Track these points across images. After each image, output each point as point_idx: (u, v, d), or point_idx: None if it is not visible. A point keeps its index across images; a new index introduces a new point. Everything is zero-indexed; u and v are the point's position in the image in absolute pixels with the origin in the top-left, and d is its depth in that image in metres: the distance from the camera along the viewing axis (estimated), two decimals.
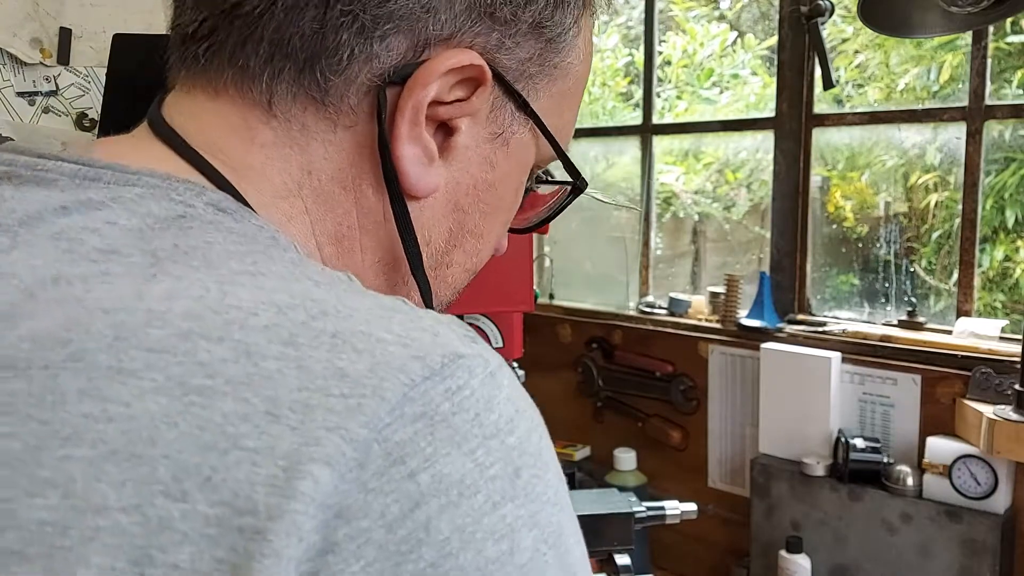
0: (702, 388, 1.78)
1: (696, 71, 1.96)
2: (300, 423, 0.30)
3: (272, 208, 0.43)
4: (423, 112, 0.43)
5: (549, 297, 2.12)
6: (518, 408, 0.34)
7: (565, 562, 0.34)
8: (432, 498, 0.30)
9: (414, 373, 0.32)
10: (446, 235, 0.49)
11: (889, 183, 1.68)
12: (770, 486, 1.57)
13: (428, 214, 0.47)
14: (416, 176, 0.44)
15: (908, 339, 1.53)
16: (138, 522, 0.29)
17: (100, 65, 1.37)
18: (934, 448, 1.41)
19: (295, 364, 0.31)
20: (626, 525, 1.15)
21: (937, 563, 1.39)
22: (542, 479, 0.34)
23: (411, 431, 0.31)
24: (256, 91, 0.43)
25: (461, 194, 0.48)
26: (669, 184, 2.00)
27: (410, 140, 0.44)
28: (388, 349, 0.33)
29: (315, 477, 0.29)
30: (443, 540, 0.30)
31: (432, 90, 0.43)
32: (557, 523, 0.34)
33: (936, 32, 1.30)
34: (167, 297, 0.33)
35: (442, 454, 0.31)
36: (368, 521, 0.29)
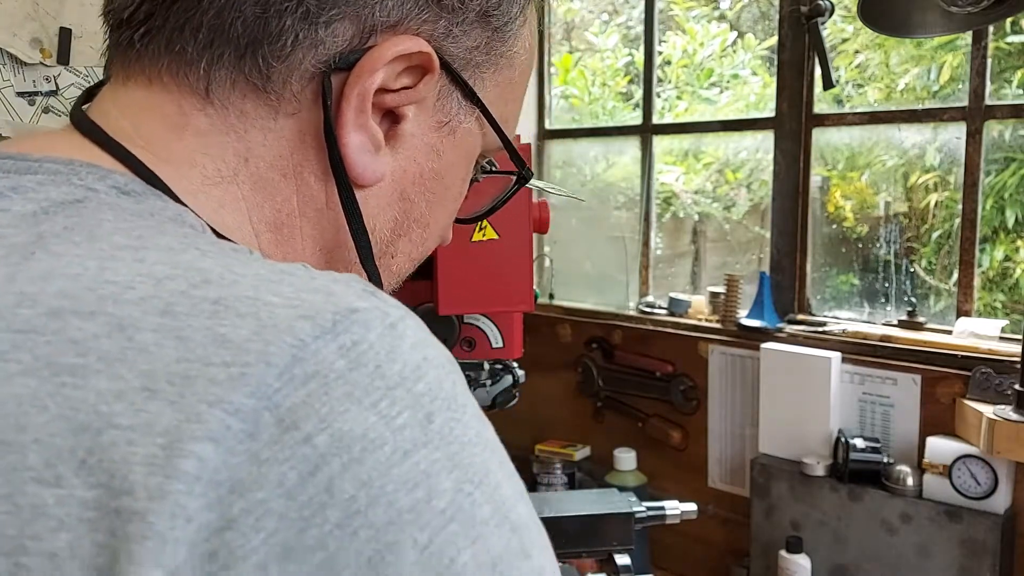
0: (702, 388, 1.78)
1: (696, 71, 1.96)
2: (179, 396, 0.29)
3: (202, 195, 0.42)
4: (369, 99, 0.43)
5: (549, 297, 2.12)
6: (426, 356, 0.33)
7: (495, 498, 0.32)
8: (333, 458, 0.29)
9: (303, 333, 0.30)
10: (392, 224, 0.48)
11: (889, 183, 1.68)
12: (770, 486, 1.57)
13: (373, 202, 0.47)
14: (362, 164, 0.44)
15: (908, 339, 1.53)
16: (8, 511, 0.28)
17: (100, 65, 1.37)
18: (934, 448, 1.41)
19: (173, 335, 0.30)
20: (626, 525, 1.15)
21: (937, 563, 1.39)
22: (459, 421, 0.33)
23: (303, 393, 0.29)
24: (193, 78, 0.42)
25: (407, 183, 0.47)
26: (669, 184, 2.00)
27: (356, 128, 0.43)
28: (275, 312, 0.31)
29: (198, 455, 0.28)
30: (348, 499, 0.29)
31: (379, 77, 0.42)
32: (480, 462, 0.33)
33: (936, 32, 1.30)
34: (42, 277, 0.32)
35: (339, 412, 0.30)
36: (264, 492, 0.28)
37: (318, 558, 0.28)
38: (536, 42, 0.53)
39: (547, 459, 1.90)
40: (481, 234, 0.92)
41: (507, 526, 0.32)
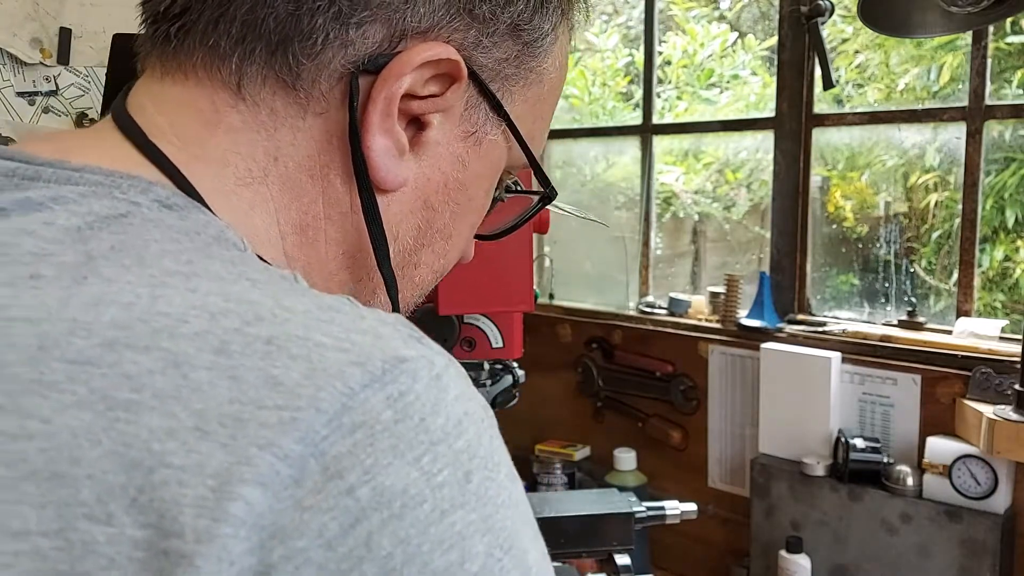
0: (702, 388, 1.78)
1: (696, 71, 1.96)
2: (231, 439, 0.29)
3: (233, 196, 0.42)
4: (396, 104, 0.43)
5: (549, 297, 2.12)
6: (467, 410, 0.33)
7: (523, 564, 0.33)
8: (373, 512, 0.29)
9: (353, 380, 0.31)
10: (414, 232, 0.48)
11: (889, 183, 1.68)
12: (770, 486, 1.57)
13: (396, 208, 0.47)
14: (385, 168, 0.44)
15: (908, 339, 1.53)
16: (60, 547, 0.27)
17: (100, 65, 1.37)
18: (934, 448, 1.41)
19: (227, 374, 0.30)
20: (626, 525, 1.15)
21: (937, 563, 1.39)
22: (495, 481, 0.33)
23: (350, 443, 0.29)
24: (225, 72, 0.42)
25: (431, 191, 0.47)
26: (669, 184, 2.00)
27: (381, 131, 0.43)
28: (326, 355, 0.31)
29: (247, 499, 0.28)
30: (385, 556, 0.29)
31: (406, 82, 0.42)
32: (511, 526, 0.33)
33: (936, 32, 1.30)
34: (95, 304, 0.32)
35: (383, 465, 0.30)
36: (305, 541, 0.28)
37: None
38: (567, 63, 0.52)
39: (547, 459, 1.90)
40: None
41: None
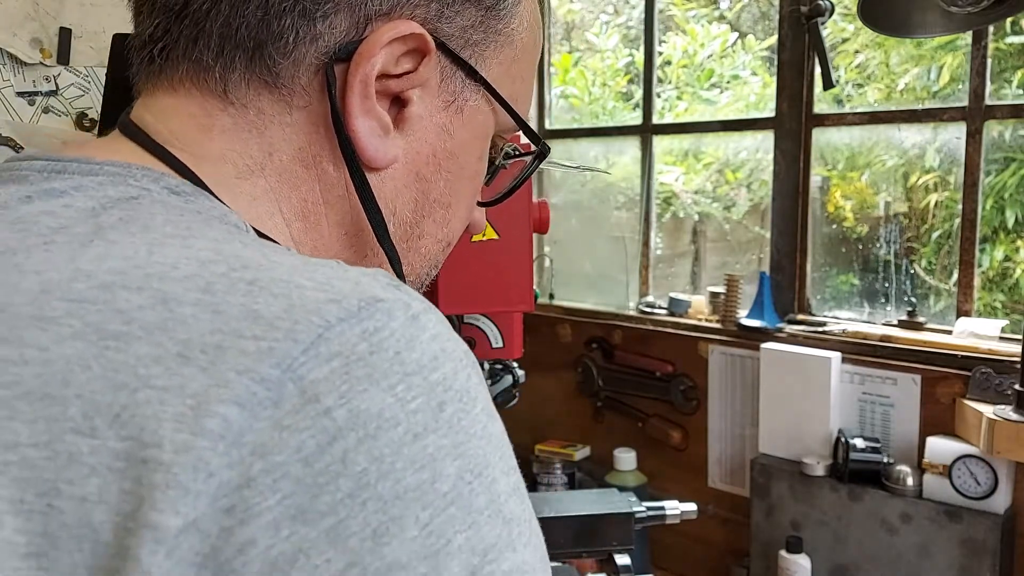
0: (702, 388, 1.78)
1: (696, 71, 1.96)
2: (211, 364, 0.31)
3: (236, 189, 0.45)
4: (372, 85, 0.45)
5: (549, 297, 2.12)
6: (443, 348, 0.35)
7: (492, 491, 0.34)
8: (349, 432, 0.31)
9: (329, 315, 0.33)
10: (412, 205, 0.51)
11: (889, 183, 1.68)
12: (770, 486, 1.57)
13: (390, 185, 0.49)
14: (373, 148, 0.46)
15: (908, 339, 1.53)
16: (47, 456, 0.30)
17: (100, 65, 1.37)
18: (934, 448, 1.41)
19: (210, 308, 0.33)
20: (626, 525, 1.15)
21: (937, 563, 1.39)
22: (469, 413, 0.34)
23: (326, 370, 0.32)
24: (211, 82, 0.45)
25: (421, 163, 0.49)
26: (669, 184, 2.00)
27: (363, 113, 0.46)
28: (305, 294, 0.34)
29: (224, 416, 0.30)
30: (360, 471, 0.31)
31: (378, 62, 0.45)
32: (483, 455, 0.34)
33: (936, 32, 1.30)
34: (98, 258, 0.35)
35: (358, 390, 0.32)
36: (284, 456, 0.30)
37: (327, 523, 0.30)
38: (539, 21, 0.54)
39: (547, 459, 1.90)
40: (481, 234, 0.92)
41: (500, 518, 0.34)
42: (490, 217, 0.92)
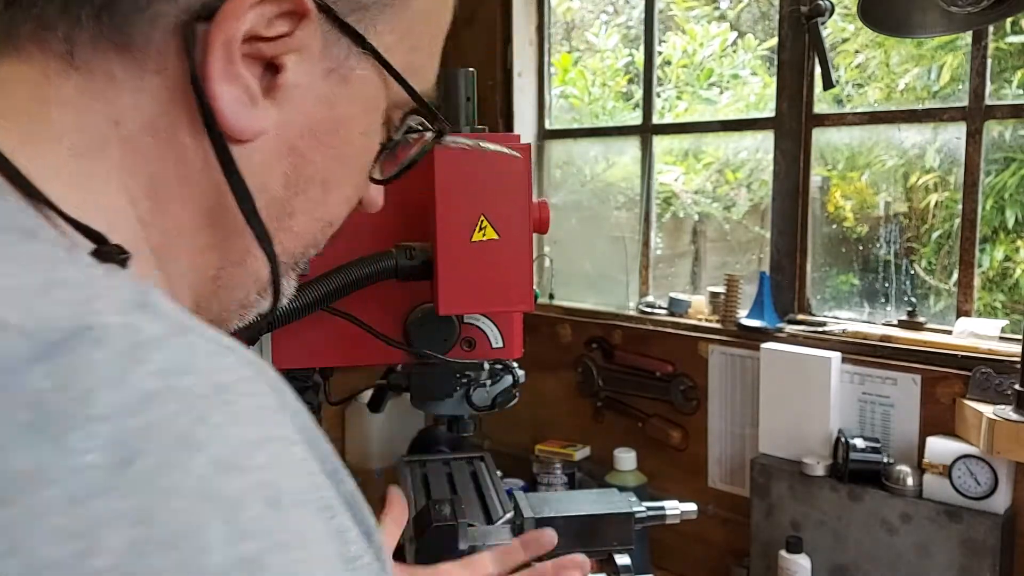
0: (702, 388, 1.78)
1: (696, 71, 1.96)
2: None
3: (67, 169, 0.39)
4: (236, 48, 0.40)
5: (549, 297, 2.12)
6: (175, 384, 0.28)
7: (194, 565, 0.26)
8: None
9: (14, 355, 0.27)
10: (283, 180, 0.45)
11: (889, 183, 1.68)
12: (770, 486, 1.57)
13: (259, 158, 0.44)
14: (237, 117, 0.41)
15: (908, 339, 1.53)
16: None
17: None
18: (934, 448, 1.41)
19: None
20: (626, 525, 1.15)
21: (937, 563, 1.39)
22: (178, 468, 0.27)
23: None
24: (55, 43, 0.39)
25: (295, 136, 0.44)
26: (669, 184, 2.00)
27: (226, 79, 0.40)
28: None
29: None
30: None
31: (245, 24, 0.39)
32: (189, 519, 0.26)
33: (936, 32, 1.30)
34: None
35: (13, 444, 0.26)
36: None
37: None
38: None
39: (547, 459, 1.90)
40: (481, 234, 0.92)
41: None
42: (490, 217, 0.92)
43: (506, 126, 2.14)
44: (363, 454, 2.17)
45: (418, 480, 1.43)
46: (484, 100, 1.92)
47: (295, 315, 0.88)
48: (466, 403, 1.09)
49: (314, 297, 0.89)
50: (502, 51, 2.14)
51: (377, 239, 0.97)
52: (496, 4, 2.12)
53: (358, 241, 0.98)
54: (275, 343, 0.96)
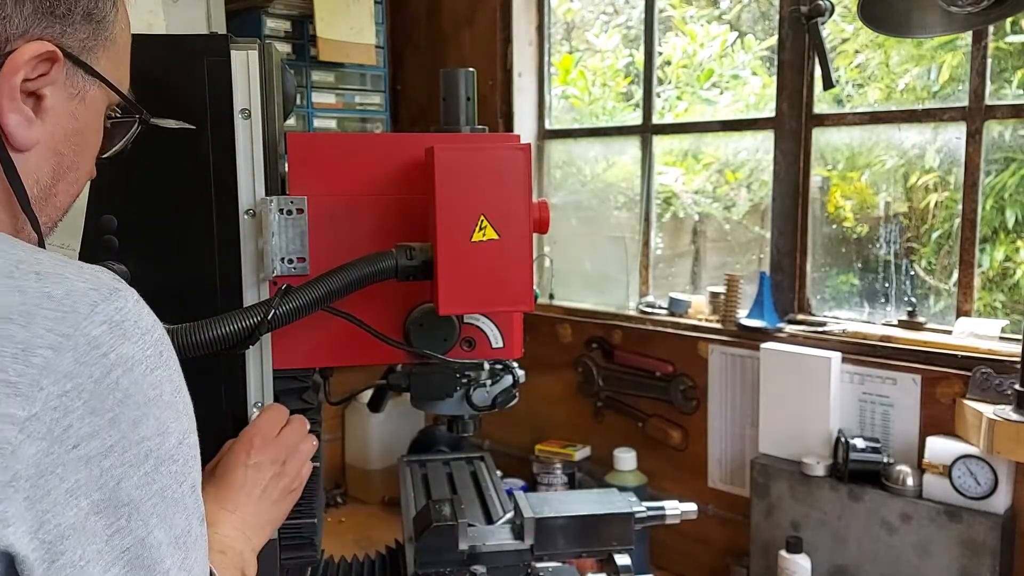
0: (702, 388, 1.78)
1: (696, 71, 1.96)
2: (26, 324, 0.52)
3: None
4: (18, 90, 0.61)
5: (549, 297, 2.12)
6: (153, 318, 0.58)
7: (180, 397, 0.59)
8: (117, 366, 0.54)
9: (94, 296, 0.54)
10: (51, 173, 0.66)
11: (889, 183, 1.68)
12: (770, 486, 1.57)
13: (34, 161, 0.64)
14: (21, 136, 0.62)
15: (908, 339, 1.53)
16: None
17: None
18: (934, 448, 1.41)
19: (15, 289, 0.53)
20: (626, 525, 1.15)
21: (937, 563, 1.39)
22: (170, 356, 0.59)
23: (99, 330, 0.53)
24: None
25: (57, 142, 0.66)
26: (669, 184, 2.00)
27: (11, 111, 0.61)
28: (75, 283, 0.54)
29: (43, 356, 0.51)
30: (124, 388, 0.54)
31: (21, 74, 0.60)
32: (178, 378, 0.59)
33: (936, 32, 1.30)
34: None
35: (119, 343, 0.54)
36: (82, 379, 0.52)
37: (109, 416, 0.53)
38: (128, 19, 0.71)
39: (547, 459, 1.90)
40: (481, 234, 0.92)
41: (184, 413, 0.60)
42: (490, 217, 0.92)
43: (506, 126, 2.14)
44: (363, 454, 2.18)
45: (418, 480, 1.43)
46: (484, 100, 1.92)
47: (295, 315, 0.88)
48: (466, 403, 1.08)
49: (314, 297, 0.89)
50: (502, 51, 2.14)
51: (377, 239, 0.97)
52: (496, 4, 2.12)
53: (358, 241, 0.98)
54: (275, 343, 0.96)
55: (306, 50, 1.97)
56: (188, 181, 0.93)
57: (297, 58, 1.96)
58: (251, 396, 0.96)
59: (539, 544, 1.14)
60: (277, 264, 0.95)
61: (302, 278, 0.93)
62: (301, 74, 1.95)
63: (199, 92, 0.91)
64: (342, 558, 1.27)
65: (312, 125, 1.99)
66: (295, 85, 1.07)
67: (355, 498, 2.18)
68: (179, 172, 0.93)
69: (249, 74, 0.92)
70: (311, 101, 1.98)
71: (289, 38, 1.95)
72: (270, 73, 0.95)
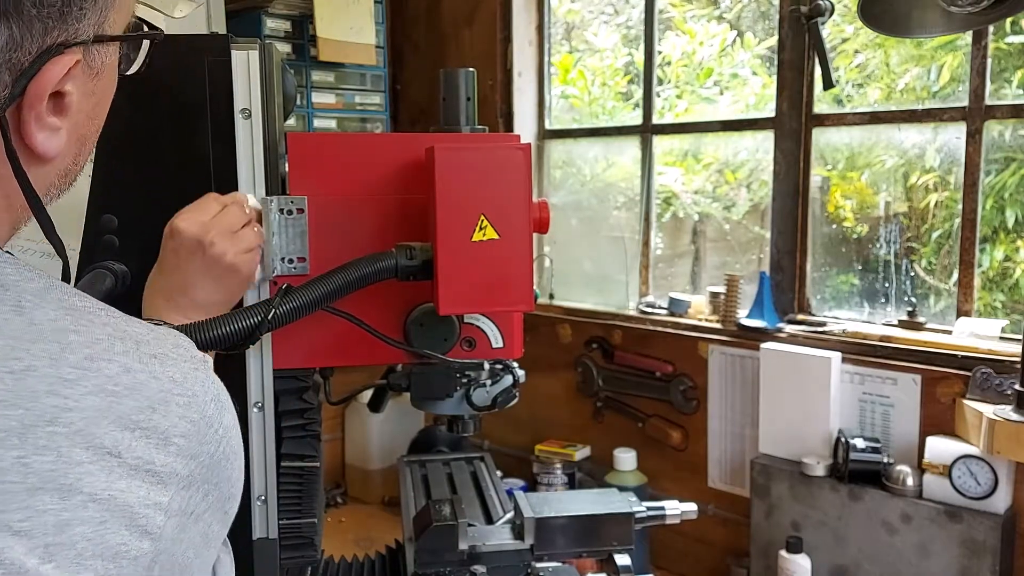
0: (702, 388, 1.78)
1: (696, 71, 1.96)
2: (165, 413, 0.55)
3: None
4: (43, 113, 0.56)
5: (549, 297, 2.12)
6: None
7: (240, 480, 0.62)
8: (223, 439, 0.57)
9: (200, 376, 0.58)
10: (73, 157, 0.62)
11: (889, 183, 1.68)
12: (770, 486, 1.57)
13: (61, 157, 0.60)
14: (52, 148, 0.58)
15: (908, 339, 1.53)
16: None
17: None
18: (934, 448, 1.41)
19: (149, 375, 0.56)
20: (626, 525, 1.15)
21: (937, 563, 1.39)
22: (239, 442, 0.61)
23: (211, 410, 0.57)
24: None
25: (82, 128, 0.61)
26: (669, 184, 2.00)
27: (38, 129, 0.56)
28: (181, 365, 0.57)
29: (177, 444, 0.54)
30: (228, 468, 0.59)
31: (46, 97, 0.56)
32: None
33: (936, 32, 1.30)
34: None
35: (222, 415, 0.58)
36: (204, 457, 0.56)
37: (218, 491, 0.58)
38: None
39: (547, 459, 1.90)
40: (481, 234, 0.92)
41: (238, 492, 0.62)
42: (490, 217, 0.92)
43: (506, 126, 2.14)
44: (363, 454, 2.18)
45: (418, 480, 1.43)
46: (484, 100, 1.92)
47: (296, 315, 0.88)
48: (466, 403, 1.08)
49: (314, 297, 0.89)
50: (502, 51, 2.14)
51: (377, 239, 0.97)
52: (496, 4, 2.12)
53: (358, 241, 0.98)
54: (275, 343, 0.96)
55: (306, 50, 1.97)
56: (188, 181, 0.93)
57: (297, 58, 1.96)
58: (251, 396, 0.96)
59: (539, 544, 1.14)
60: (277, 264, 0.95)
61: (302, 278, 0.93)
62: (301, 74, 1.95)
63: (199, 92, 0.91)
64: (342, 558, 1.27)
65: (312, 125, 1.99)
66: (295, 85, 1.07)
67: (355, 498, 2.18)
68: (179, 172, 0.93)
69: (249, 74, 0.92)
70: (311, 101, 1.98)
71: (289, 38, 1.95)
72: (270, 73, 0.95)
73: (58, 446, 0.49)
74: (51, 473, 0.48)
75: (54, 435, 0.49)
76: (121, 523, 0.51)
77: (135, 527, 0.51)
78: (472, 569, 1.12)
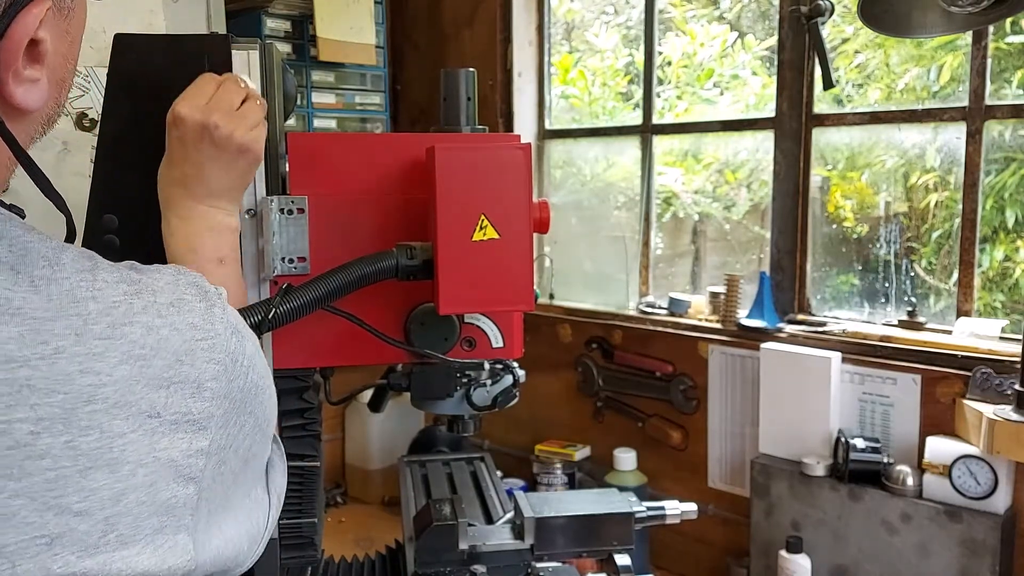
0: (702, 388, 1.78)
1: (696, 71, 1.96)
2: (192, 362, 0.58)
3: None
4: (20, 68, 0.55)
5: (549, 297, 2.12)
6: None
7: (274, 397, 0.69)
8: (249, 369, 0.61)
9: (217, 311, 0.61)
10: (56, 100, 0.62)
11: (889, 183, 1.68)
12: (770, 486, 1.57)
13: (42, 104, 0.59)
14: (32, 99, 0.57)
15: (908, 339, 1.53)
16: None
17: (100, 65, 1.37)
18: (934, 448, 1.41)
19: (171, 327, 0.58)
20: (626, 525, 1.15)
21: (937, 563, 1.39)
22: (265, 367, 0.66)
23: (232, 344, 0.59)
24: None
25: (59, 72, 0.60)
26: (669, 184, 2.00)
27: (17, 84, 0.56)
28: (196, 305, 0.59)
29: (212, 381, 0.57)
30: (256, 398, 0.62)
31: (21, 54, 0.54)
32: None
33: (936, 32, 1.30)
34: None
35: (243, 345, 0.61)
36: (235, 387, 0.59)
37: (251, 415, 0.62)
38: None
39: (547, 459, 1.90)
40: (481, 234, 0.92)
41: (272, 405, 0.68)
42: (490, 217, 0.92)
43: (506, 126, 2.14)
44: (363, 454, 2.17)
45: (418, 480, 1.43)
46: (484, 100, 1.92)
47: (296, 314, 0.88)
48: (466, 403, 1.09)
49: (315, 296, 0.89)
50: (502, 51, 2.14)
51: (377, 239, 0.97)
52: (496, 4, 2.12)
53: (359, 241, 0.98)
54: (275, 343, 0.96)
55: (306, 50, 1.96)
56: None
57: (297, 58, 1.96)
58: None
59: (539, 544, 1.14)
60: (278, 264, 0.95)
61: (303, 278, 0.93)
62: (301, 74, 1.95)
63: None
64: (342, 558, 1.27)
65: (312, 125, 1.99)
66: (295, 85, 1.07)
67: (355, 498, 2.18)
68: None
69: (250, 74, 0.92)
70: (311, 101, 1.98)
71: (289, 38, 1.95)
72: (271, 73, 0.95)
73: (100, 423, 0.50)
74: (98, 451, 0.50)
75: (94, 413, 0.50)
76: (168, 478, 0.53)
77: (180, 477, 0.54)
78: (472, 569, 1.12)
